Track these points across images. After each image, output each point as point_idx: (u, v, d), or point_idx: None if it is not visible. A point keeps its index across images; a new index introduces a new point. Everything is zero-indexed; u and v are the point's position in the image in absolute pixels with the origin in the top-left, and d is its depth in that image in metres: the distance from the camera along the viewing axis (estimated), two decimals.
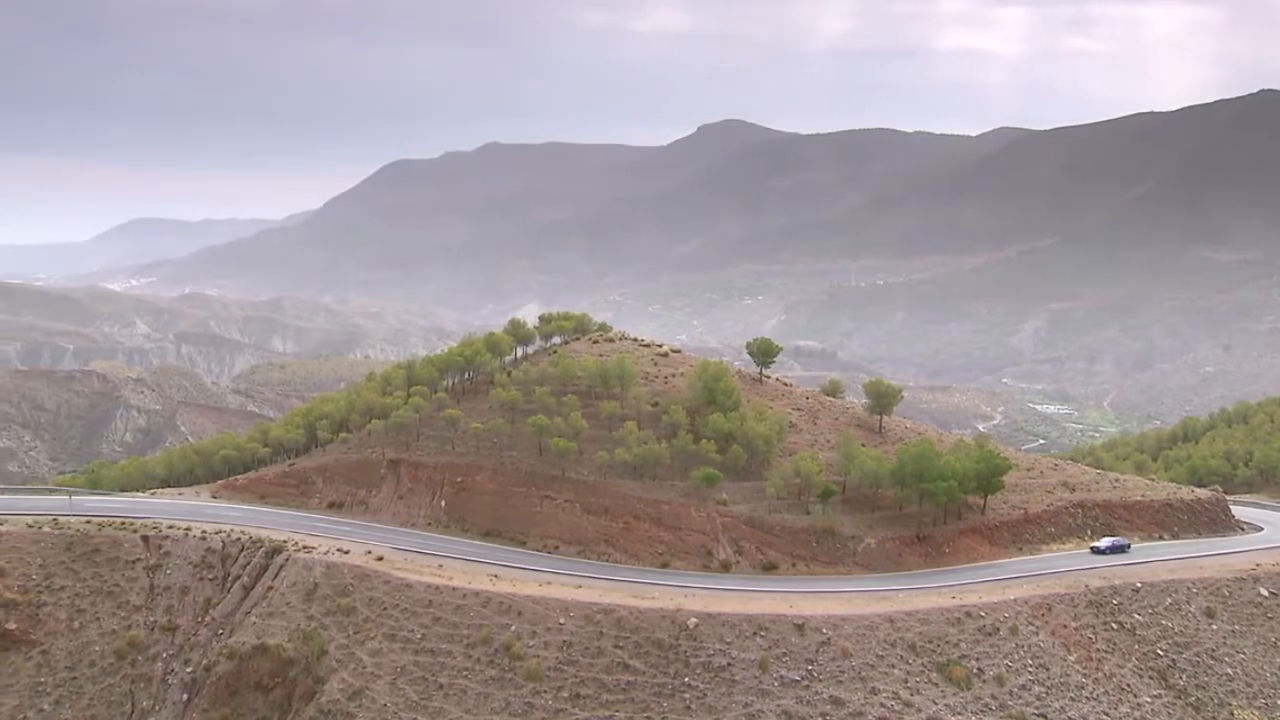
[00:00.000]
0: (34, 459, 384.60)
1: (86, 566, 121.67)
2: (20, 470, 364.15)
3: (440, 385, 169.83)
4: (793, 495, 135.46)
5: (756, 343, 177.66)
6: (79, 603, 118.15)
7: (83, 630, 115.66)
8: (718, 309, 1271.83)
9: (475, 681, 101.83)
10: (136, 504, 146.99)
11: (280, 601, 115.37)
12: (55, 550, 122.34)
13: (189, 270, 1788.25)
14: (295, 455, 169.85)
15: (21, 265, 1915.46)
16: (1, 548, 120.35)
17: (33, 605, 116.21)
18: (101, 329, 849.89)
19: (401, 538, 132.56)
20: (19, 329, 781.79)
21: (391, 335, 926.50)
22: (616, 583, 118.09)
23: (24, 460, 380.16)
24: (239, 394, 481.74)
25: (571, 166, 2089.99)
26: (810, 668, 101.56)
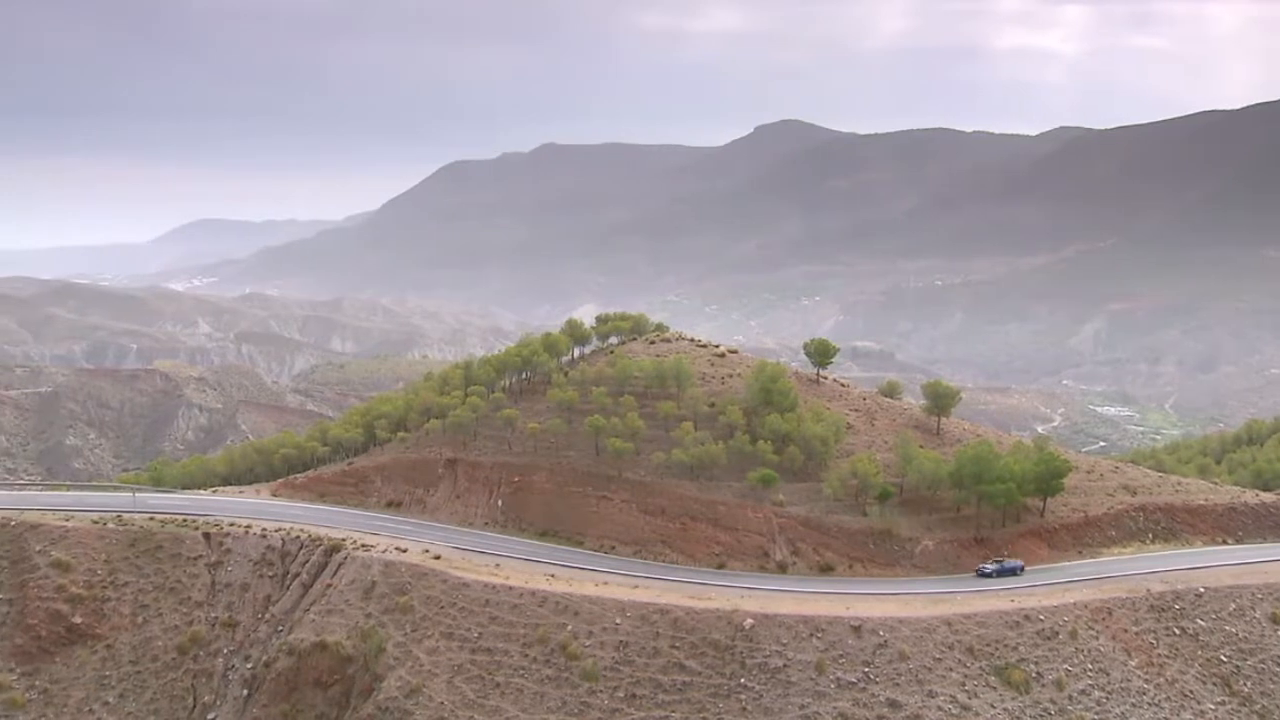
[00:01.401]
0: (99, 456, 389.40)
1: (150, 563, 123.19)
2: (85, 467, 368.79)
3: (498, 385, 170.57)
4: (850, 496, 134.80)
5: (814, 343, 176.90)
6: (142, 598, 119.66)
7: (146, 625, 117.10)
8: (775, 309, 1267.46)
9: (531, 680, 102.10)
10: (198, 501, 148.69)
11: (339, 599, 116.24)
12: (119, 546, 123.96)
13: (250, 270, 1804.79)
14: (354, 454, 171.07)
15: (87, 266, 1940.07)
16: (68, 544, 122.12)
17: (98, 600, 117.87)
18: (164, 328, 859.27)
19: (459, 537, 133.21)
20: (85, 328, 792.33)
21: (449, 335, 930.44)
22: (673, 583, 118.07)
23: (89, 458, 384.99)
24: (298, 393, 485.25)
25: (629, 167, 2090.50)
26: (867, 670, 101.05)
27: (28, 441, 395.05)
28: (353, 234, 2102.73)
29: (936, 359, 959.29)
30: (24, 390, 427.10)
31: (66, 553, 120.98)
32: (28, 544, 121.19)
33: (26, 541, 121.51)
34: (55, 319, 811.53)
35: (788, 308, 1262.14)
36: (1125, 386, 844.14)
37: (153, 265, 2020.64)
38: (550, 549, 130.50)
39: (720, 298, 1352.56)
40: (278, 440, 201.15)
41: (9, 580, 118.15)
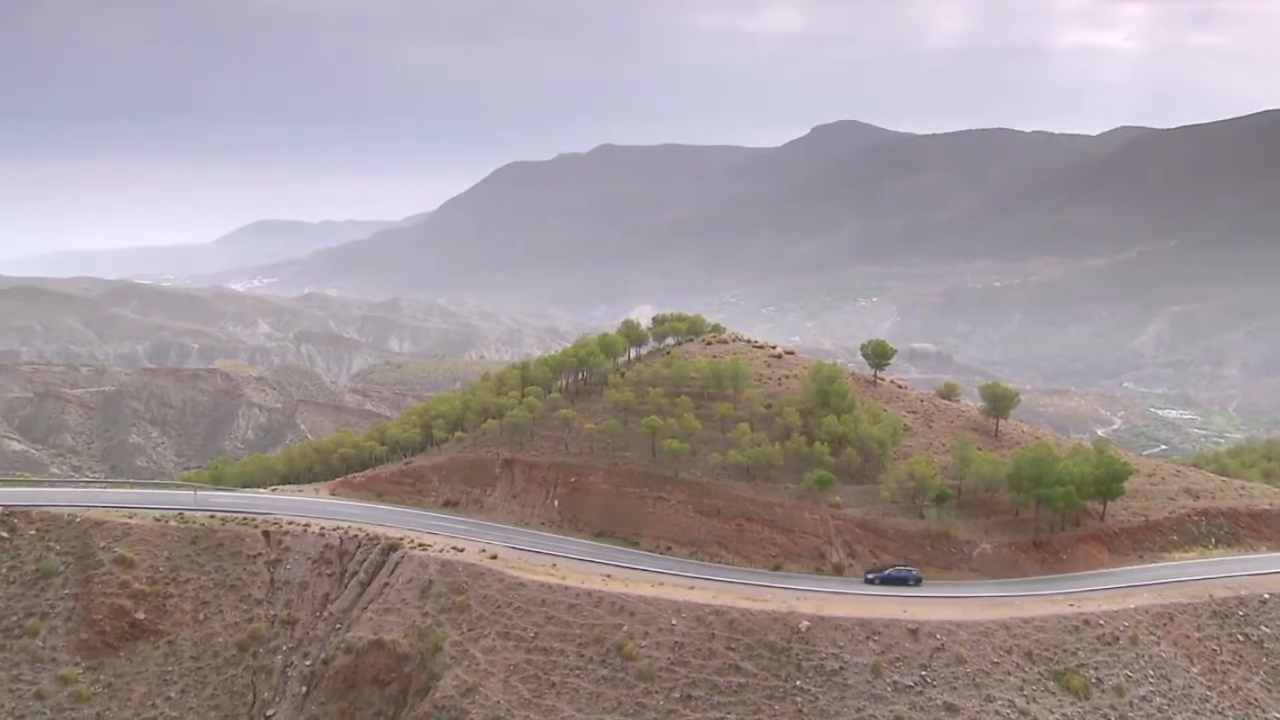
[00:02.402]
0: (161, 455, 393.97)
1: (210, 560, 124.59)
2: (148, 465, 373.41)
3: (554, 385, 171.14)
4: (907, 499, 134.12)
5: (871, 345, 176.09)
6: (203, 595, 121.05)
7: (207, 622, 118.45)
8: (832, 311, 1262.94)
9: (587, 681, 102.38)
10: (258, 500, 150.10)
11: (396, 598, 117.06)
12: (181, 544, 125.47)
13: (309, 271, 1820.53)
14: (411, 454, 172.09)
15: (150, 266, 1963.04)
16: (131, 541, 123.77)
17: (160, 597, 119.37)
18: (225, 328, 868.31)
19: (515, 537, 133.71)
20: (147, 328, 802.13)
21: (506, 336, 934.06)
22: (728, 584, 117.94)
23: (151, 456, 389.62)
24: (357, 393, 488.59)
25: (686, 168, 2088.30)
26: (924, 673, 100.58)
27: (92, 440, 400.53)
28: (410, 235, 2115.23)
29: (995, 361, 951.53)
30: (89, 389, 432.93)
31: (130, 549, 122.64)
32: (92, 541, 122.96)
33: (91, 538, 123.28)
34: (119, 319, 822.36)
35: (845, 309, 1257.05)
36: (1187, 389, 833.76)
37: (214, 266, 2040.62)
38: (606, 549, 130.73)
39: (777, 299, 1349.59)
40: (336, 439, 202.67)
41: (75, 576, 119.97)
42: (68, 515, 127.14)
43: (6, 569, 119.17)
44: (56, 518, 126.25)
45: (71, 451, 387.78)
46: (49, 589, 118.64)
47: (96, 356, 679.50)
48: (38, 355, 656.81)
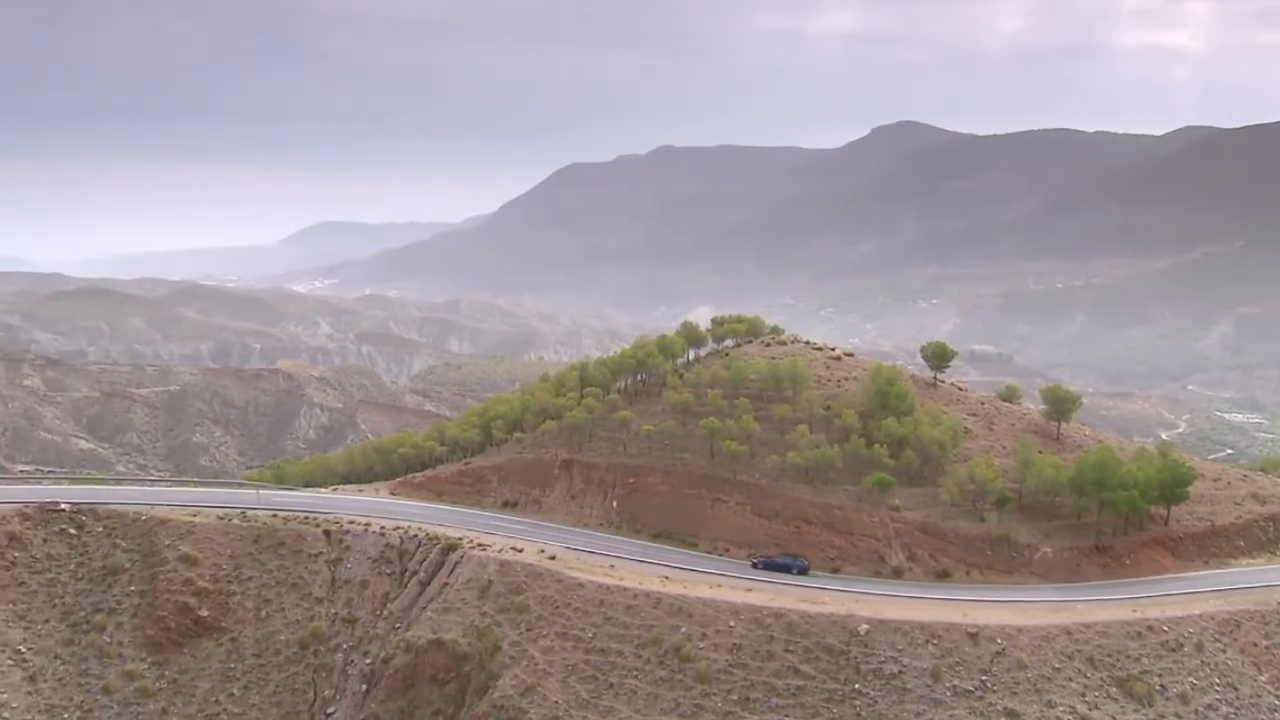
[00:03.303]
0: (224, 454, 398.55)
1: (272, 558, 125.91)
2: (211, 464, 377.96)
3: (613, 387, 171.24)
4: (967, 502, 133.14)
5: (931, 347, 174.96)
6: (265, 593, 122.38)
7: (269, 620, 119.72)
8: (891, 312, 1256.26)
9: (645, 682, 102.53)
10: (319, 499, 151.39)
11: (455, 598, 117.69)
12: (243, 542, 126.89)
13: (370, 272, 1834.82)
14: (471, 454, 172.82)
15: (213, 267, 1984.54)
16: (195, 539, 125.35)
17: (223, 594, 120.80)
18: (287, 329, 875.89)
19: (574, 537, 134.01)
20: (211, 329, 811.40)
21: (565, 337, 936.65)
22: (787, 587, 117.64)
23: (214, 455, 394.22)
24: (417, 393, 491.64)
25: (744, 169, 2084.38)
26: (984, 678, 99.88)
27: (157, 439, 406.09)
28: (470, 236, 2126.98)
29: (1057, 363, 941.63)
30: (154, 389, 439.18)
31: (194, 547, 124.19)
32: (157, 538, 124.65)
33: (156, 536, 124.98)
34: (183, 319, 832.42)
35: (904, 311, 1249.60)
36: (1254, 392, 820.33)
37: (277, 267, 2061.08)
38: (664, 551, 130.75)
39: (836, 300, 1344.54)
40: (396, 440, 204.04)
41: (140, 573, 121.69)
42: (134, 513, 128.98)
43: (75, 565, 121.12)
44: (123, 515, 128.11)
45: (137, 450, 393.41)
46: (115, 585, 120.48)
47: (161, 356, 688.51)
48: (105, 355, 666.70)
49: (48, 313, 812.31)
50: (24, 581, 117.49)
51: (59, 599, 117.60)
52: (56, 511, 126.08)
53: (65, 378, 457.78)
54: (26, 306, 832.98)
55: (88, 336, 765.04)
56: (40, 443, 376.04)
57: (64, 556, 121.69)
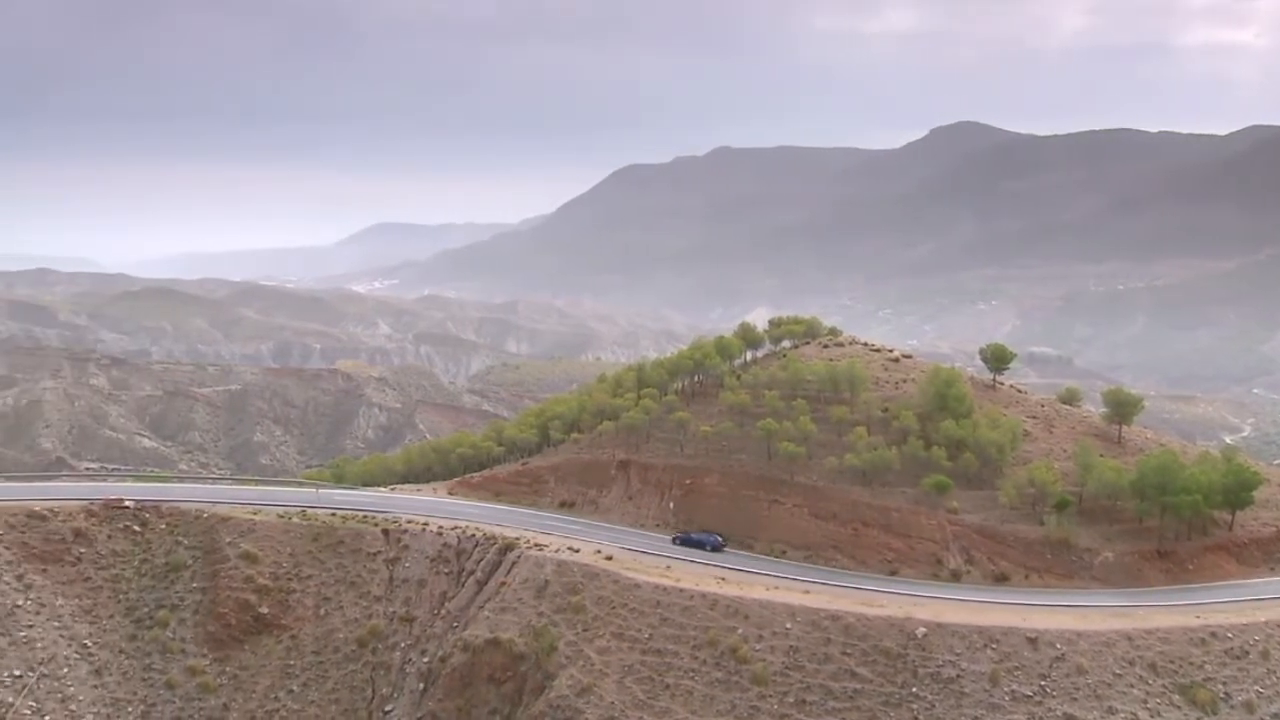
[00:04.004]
0: (284, 453, 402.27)
1: (331, 557, 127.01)
2: (271, 463, 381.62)
3: (670, 387, 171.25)
4: (1026, 505, 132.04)
5: (990, 348, 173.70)
6: (324, 591, 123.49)
7: (328, 617, 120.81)
8: (949, 314, 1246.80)
9: (701, 683, 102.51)
10: (377, 498, 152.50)
11: (512, 597, 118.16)
12: (303, 540, 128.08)
13: (428, 273, 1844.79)
14: (528, 454, 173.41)
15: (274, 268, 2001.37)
16: (255, 537, 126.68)
17: (283, 592, 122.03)
18: (346, 329, 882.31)
19: (630, 538, 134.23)
20: (271, 329, 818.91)
21: (622, 338, 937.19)
22: (844, 589, 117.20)
23: (274, 454, 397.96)
24: (474, 394, 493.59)
25: (802, 170, 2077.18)
26: (1043, 683, 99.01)
27: (219, 437, 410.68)
28: (528, 237, 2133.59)
29: (1118, 365, 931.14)
30: (215, 388, 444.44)
31: (254, 545, 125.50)
32: (219, 536, 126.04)
33: (218, 533, 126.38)
34: (244, 319, 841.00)
35: (963, 312, 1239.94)
36: None
37: (337, 267, 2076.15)
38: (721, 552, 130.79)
39: (894, 302, 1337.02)
40: (454, 440, 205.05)
41: (202, 570, 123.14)
42: (196, 511, 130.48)
43: (139, 562, 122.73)
44: (185, 513, 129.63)
45: (199, 449, 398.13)
46: (178, 582, 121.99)
47: (223, 356, 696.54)
48: (168, 355, 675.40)
49: (113, 313, 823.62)
50: (90, 577, 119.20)
51: (123, 595, 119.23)
52: (121, 509, 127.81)
53: (130, 377, 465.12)
54: (93, 307, 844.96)
55: (151, 336, 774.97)
56: (105, 440, 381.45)
57: (128, 553, 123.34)
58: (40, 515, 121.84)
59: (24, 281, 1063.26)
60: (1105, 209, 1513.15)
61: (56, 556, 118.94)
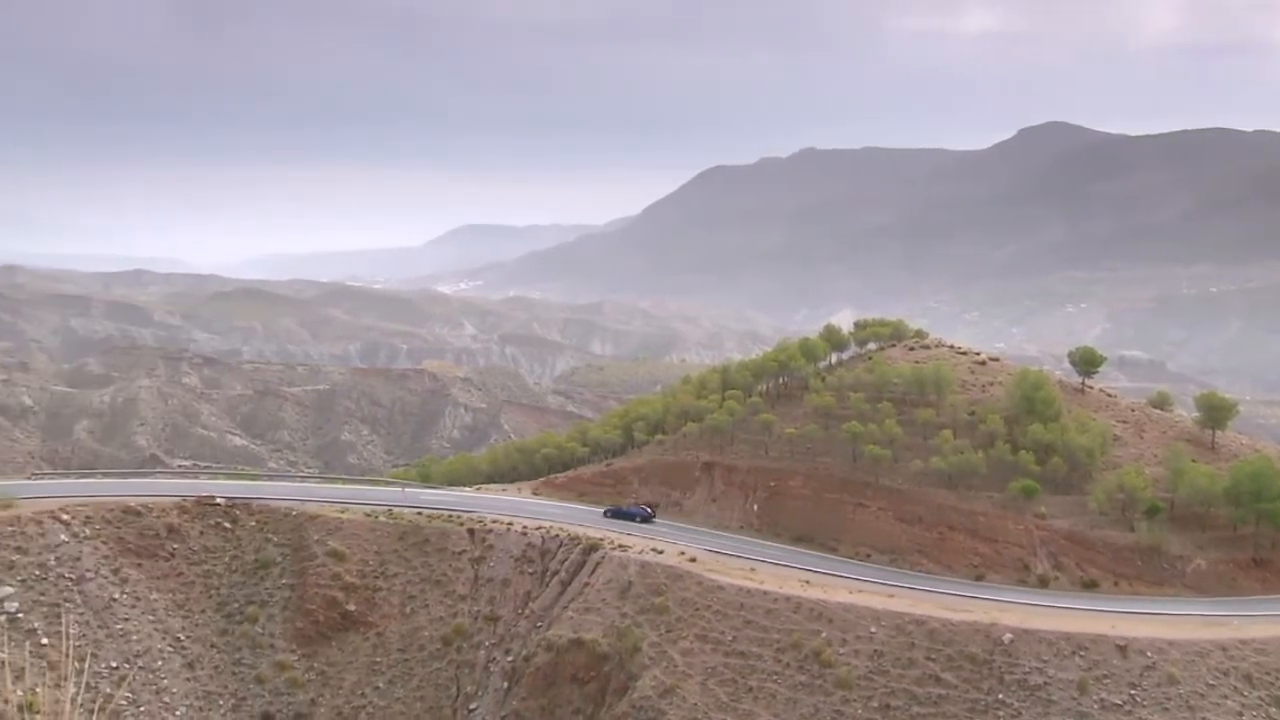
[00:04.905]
0: (371, 452, 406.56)
1: (417, 555, 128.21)
2: (358, 462, 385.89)
3: (755, 389, 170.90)
4: (1116, 511, 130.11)
5: (1079, 352, 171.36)
6: (410, 589, 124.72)
7: (413, 616, 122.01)
8: (1037, 316, 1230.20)
9: (784, 686, 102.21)
10: (463, 498, 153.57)
11: (596, 598, 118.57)
12: (389, 539, 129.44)
13: (514, 274, 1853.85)
14: (612, 455, 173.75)
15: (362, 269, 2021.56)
16: (343, 535, 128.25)
17: (370, 590, 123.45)
18: (433, 330, 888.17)
19: (714, 540, 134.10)
20: (359, 329, 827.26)
21: (707, 339, 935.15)
22: (928, 593, 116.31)
23: (362, 453, 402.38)
24: (559, 394, 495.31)
25: (888, 171, 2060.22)
26: (1133, 692, 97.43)
27: (307, 436, 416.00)
28: (613, 238, 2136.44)
29: (1211, 369, 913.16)
30: (304, 388, 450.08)
31: (342, 543, 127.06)
32: (307, 533, 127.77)
33: (306, 531, 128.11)
34: (332, 320, 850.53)
35: (1051, 315, 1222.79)
36: None
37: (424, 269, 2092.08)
38: (804, 555, 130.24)
39: (981, 304, 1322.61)
40: (539, 440, 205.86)
41: (291, 567, 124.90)
42: (284, 509, 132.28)
43: (229, 558, 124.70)
44: (274, 511, 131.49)
45: (288, 447, 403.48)
46: (267, 578, 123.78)
47: (311, 356, 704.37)
48: (258, 354, 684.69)
49: (205, 313, 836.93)
50: (182, 572, 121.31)
51: (214, 590, 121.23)
52: (212, 505, 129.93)
53: (221, 376, 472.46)
54: (186, 307, 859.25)
55: (242, 336, 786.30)
56: (197, 438, 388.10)
57: (219, 549, 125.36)
58: (135, 511, 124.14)
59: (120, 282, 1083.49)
60: (1198, 210, 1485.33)
61: (151, 552, 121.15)
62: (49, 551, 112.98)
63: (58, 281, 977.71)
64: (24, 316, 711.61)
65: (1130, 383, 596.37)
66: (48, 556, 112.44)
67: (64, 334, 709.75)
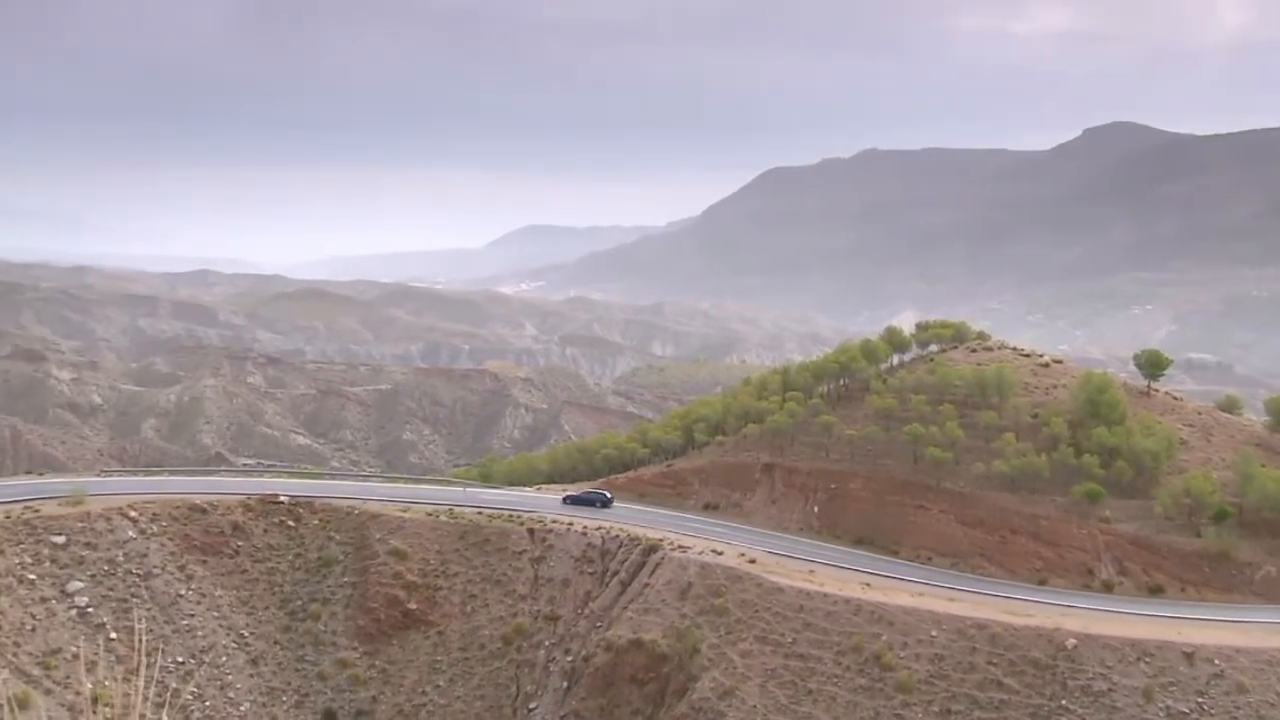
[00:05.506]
0: (432, 452, 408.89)
1: (478, 555, 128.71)
2: (420, 462, 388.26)
3: (815, 391, 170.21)
4: (1182, 516, 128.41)
5: (1144, 354, 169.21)
6: (471, 589, 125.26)
7: (474, 615, 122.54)
8: (1102, 318, 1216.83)
9: (844, 689, 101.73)
10: (523, 498, 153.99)
11: (655, 599, 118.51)
12: (450, 538, 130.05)
13: (575, 275, 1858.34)
14: (672, 456, 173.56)
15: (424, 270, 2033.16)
16: (404, 534, 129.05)
17: (431, 589, 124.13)
18: (494, 330, 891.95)
19: (773, 541, 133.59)
20: (421, 329, 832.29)
21: (767, 340, 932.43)
22: (990, 597, 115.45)
23: (424, 453, 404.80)
24: (619, 395, 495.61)
25: (950, 172, 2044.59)
26: (1200, 700, 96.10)
27: (369, 436, 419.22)
28: (674, 239, 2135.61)
29: None
30: (366, 387, 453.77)
31: (403, 542, 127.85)
32: (369, 532, 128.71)
33: (368, 529, 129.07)
34: (394, 320, 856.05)
35: (1116, 317, 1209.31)
36: None
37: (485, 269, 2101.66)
38: (865, 557, 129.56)
39: (1044, 306, 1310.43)
40: (599, 440, 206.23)
41: (353, 565, 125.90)
42: (347, 507, 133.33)
43: (293, 556, 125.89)
44: (337, 509, 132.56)
45: (350, 446, 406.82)
46: (330, 576, 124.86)
47: (373, 356, 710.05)
48: (321, 354, 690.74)
49: (269, 313, 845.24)
50: (246, 569, 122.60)
51: (278, 587, 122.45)
52: (276, 503, 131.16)
53: (285, 375, 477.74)
54: (250, 307, 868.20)
55: (305, 336, 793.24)
56: (261, 437, 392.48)
57: (282, 547, 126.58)
58: (201, 509, 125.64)
59: (186, 282, 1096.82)
60: (1269, 211, 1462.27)
61: (216, 549, 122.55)
62: (117, 548, 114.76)
63: (126, 282, 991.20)
64: (94, 316, 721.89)
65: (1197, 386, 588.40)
66: (116, 553, 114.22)
67: (132, 333, 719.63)
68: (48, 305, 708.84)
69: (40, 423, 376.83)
